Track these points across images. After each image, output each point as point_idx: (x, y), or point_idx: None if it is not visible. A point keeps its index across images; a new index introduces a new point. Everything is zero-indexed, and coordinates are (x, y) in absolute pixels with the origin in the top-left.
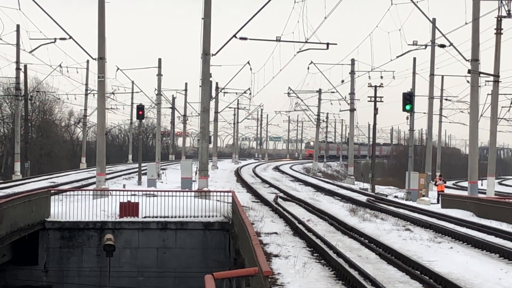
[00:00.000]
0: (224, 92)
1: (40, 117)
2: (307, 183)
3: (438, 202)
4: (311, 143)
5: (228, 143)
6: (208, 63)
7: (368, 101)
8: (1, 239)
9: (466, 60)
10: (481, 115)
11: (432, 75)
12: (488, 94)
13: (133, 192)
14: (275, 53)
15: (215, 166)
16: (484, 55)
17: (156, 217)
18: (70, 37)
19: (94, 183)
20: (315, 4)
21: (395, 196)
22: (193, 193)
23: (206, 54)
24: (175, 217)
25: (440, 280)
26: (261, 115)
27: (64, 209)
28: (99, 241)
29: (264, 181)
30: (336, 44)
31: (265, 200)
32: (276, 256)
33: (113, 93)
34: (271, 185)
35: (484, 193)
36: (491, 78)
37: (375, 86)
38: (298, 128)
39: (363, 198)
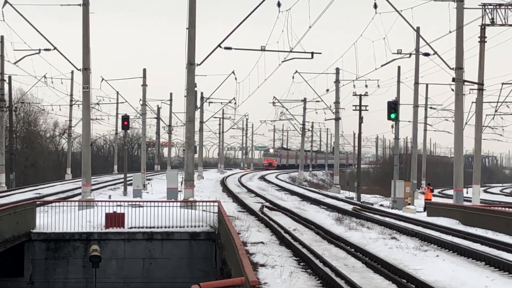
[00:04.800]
0: (209, 102)
1: (25, 128)
2: (292, 192)
3: (424, 211)
4: (271, 150)
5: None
6: (193, 73)
7: (353, 110)
8: None
9: (451, 69)
10: (466, 123)
11: (416, 83)
12: (472, 102)
13: (118, 203)
14: (260, 63)
15: (200, 176)
16: (468, 64)
17: (142, 227)
18: (55, 48)
19: (79, 194)
20: (299, 13)
21: (381, 205)
22: (179, 203)
23: (191, 64)
24: (161, 227)
25: None
26: (247, 125)
27: (50, 221)
28: (85, 252)
29: (250, 190)
30: (320, 53)
31: (251, 209)
32: (262, 265)
33: (98, 103)
34: (257, 195)
35: (470, 201)
36: (476, 86)
37: (360, 95)
38: (284, 138)
39: (349, 207)
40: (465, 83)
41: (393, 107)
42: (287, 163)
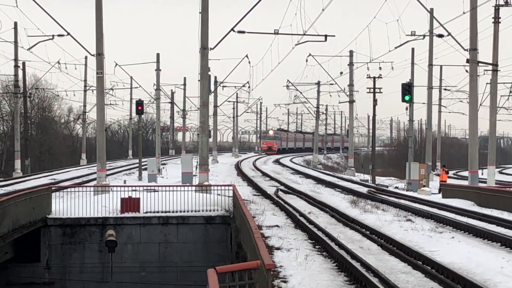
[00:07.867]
0: (223, 86)
1: (39, 114)
2: (307, 176)
3: (439, 192)
4: (270, 132)
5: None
6: (207, 57)
7: (367, 92)
8: (3, 236)
9: (465, 50)
10: (481, 104)
11: (430, 65)
12: (487, 83)
13: (134, 188)
14: (273, 46)
15: (215, 160)
16: (483, 44)
17: (158, 212)
18: (68, 34)
19: (94, 179)
20: None
21: (396, 187)
22: (194, 188)
23: (204, 48)
24: (176, 212)
25: (442, 270)
26: (260, 108)
27: (65, 206)
28: (101, 237)
29: (264, 174)
30: (334, 36)
31: (266, 193)
32: (278, 249)
33: (112, 89)
34: (272, 178)
35: (485, 182)
36: (490, 67)
37: (374, 77)
38: (298, 121)
39: (364, 190)
40: (479, 64)
41: (407, 89)
42: (286, 146)
